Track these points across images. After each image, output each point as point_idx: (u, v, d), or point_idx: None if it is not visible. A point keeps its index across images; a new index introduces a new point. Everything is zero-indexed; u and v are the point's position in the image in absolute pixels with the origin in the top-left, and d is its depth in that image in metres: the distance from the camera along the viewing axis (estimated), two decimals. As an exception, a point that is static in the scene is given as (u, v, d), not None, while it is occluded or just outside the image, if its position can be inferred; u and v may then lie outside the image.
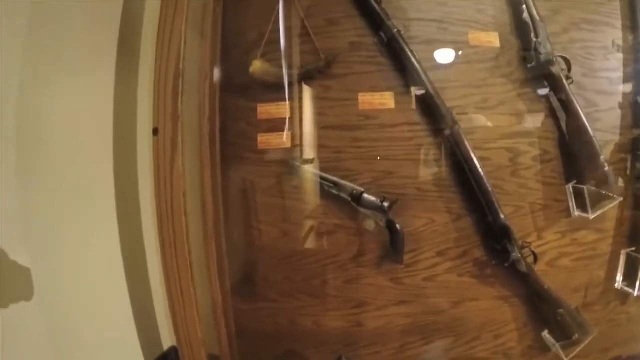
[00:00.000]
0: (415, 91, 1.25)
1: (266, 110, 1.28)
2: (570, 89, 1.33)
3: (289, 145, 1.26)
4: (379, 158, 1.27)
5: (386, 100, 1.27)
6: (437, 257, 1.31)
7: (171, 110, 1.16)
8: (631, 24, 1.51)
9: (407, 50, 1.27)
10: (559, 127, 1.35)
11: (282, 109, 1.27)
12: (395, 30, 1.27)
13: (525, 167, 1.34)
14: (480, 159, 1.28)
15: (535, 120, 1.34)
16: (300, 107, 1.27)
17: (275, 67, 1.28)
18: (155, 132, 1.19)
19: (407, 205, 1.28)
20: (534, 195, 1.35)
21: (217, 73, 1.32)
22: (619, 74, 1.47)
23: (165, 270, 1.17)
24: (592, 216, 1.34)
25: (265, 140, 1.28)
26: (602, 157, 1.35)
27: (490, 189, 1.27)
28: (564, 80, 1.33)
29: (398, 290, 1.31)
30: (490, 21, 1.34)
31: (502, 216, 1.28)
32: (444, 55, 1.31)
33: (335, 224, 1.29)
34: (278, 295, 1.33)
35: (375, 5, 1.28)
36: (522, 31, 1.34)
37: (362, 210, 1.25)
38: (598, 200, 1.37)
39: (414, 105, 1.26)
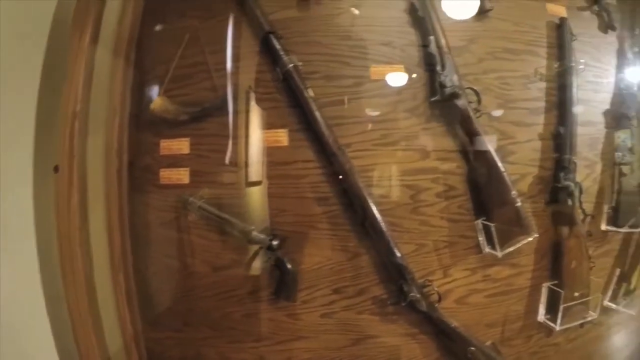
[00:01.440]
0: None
1: (168, 145, 1.19)
2: (479, 122, 1.20)
3: (187, 181, 1.20)
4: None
5: (280, 137, 1.17)
6: (334, 295, 1.18)
7: (68, 150, 1.11)
8: (559, 52, 1.34)
9: (300, 86, 1.16)
10: (468, 162, 1.22)
11: (183, 145, 1.20)
12: (291, 65, 1.16)
13: (428, 204, 1.20)
14: (378, 197, 1.17)
15: (440, 155, 1.21)
16: (246, 129, 1.19)
17: (174, 104, 1.20)
18: (56, 169, 1.14)
19: (301, 243, 1.17)
20: (438, 233, 1.21)
21: (127, 108, 1.26)
22: (541, 104, 1.30)
23: (67, 300, 1.13)
24: (500, 254, 1.20)
25: (166, 175, 1.20)
26: (513, 192, 1.21)
27: (384, 228, 1.14)
28: (471, 113, 1.19)
29: (296, 325, 1.20)
30: (397, 53, 1.21)
31: (397, 255, 1.15)
32: (344, 91, 1.19)
33: (231, 259, 1.19)
34: (184, 326, 1.24)
35: (274, 41, 1.18)
36: (429, 63, 1.22)
37: (253, 247, 1.18)
38: (509, 237, 1.23)
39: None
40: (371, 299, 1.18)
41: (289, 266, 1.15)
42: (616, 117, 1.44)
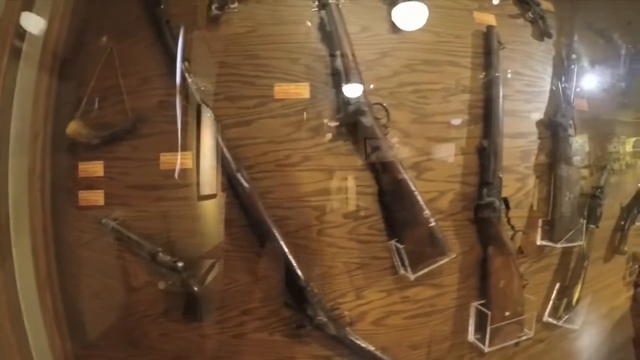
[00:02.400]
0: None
1: (85, 168, 1.08)
2: (387, 138, 1.02)
3: (102, 202, 1.08)
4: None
5: (186, 159, 1.04)
6: (244, 316, 1.05)
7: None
8: (485, 61, 1.15)
9: (200, 109, 1.03)
10: (378, 181, 1.05)
11: (98, 168, 1.08)
12: (195, 87, 1.03)
13: (335, 225, 1.05)
14: (281, 218, 1.03)
15: (347, 175, 1.05)
16: (198, 143, 1.04)
17: (87, 128, 1.09)
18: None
19: (209, 265, 1.04)
20: (347, 254, 1.06)
21: (49, 129, 1.13)
22: (463, 117, 1.12)
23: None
24: (412, 276, 1.03)
25: (84, 197, 1.09)
26: (425, 212, 1.02)
27: (285, 250, 1.00)
28: (377, 130, 1.01)
29: (210, 345, 1.08)
30: (303, 71, 1.06)
31: (300, 278, 1.00)
32: (246, 111, 1.04)
33: (145, 280, 1.07)
34: (109, 344, 1.12)
35: (180, 63, 1.05)
36: (336, 80, 1.05)
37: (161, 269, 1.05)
38: (423, 258, 1.04)
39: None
40: (282, 321, 1.05)
41: (195, 288, 1.02)
42: (551, 127, 1.22)
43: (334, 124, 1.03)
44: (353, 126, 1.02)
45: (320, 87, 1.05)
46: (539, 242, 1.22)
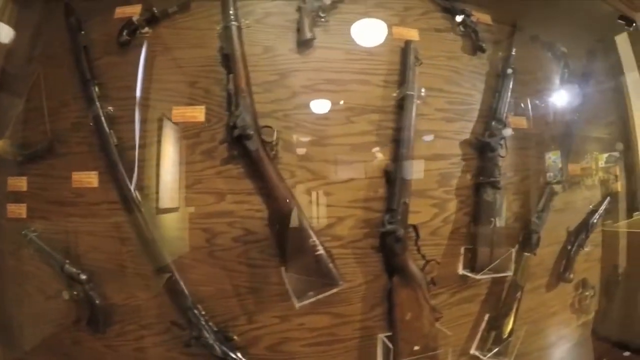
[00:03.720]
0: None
1: (12, 183, 0.93)
2: (275, 163, 0.81)
3: (25, 215, 0.96)
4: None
5: (91, 178, 0.89)
6: (143, 330, 0.85)
7: None
8: (400, 78, 0.90)
9: (103, 131, 0.87)
10: (267, 205, 0.84)
11: (22, 183, 0.93)
12: (101, 110, 0.89)
13: (225, 248, 0.82)
14: (174, 239, 0.84)
15: (237, 199, 0.82)
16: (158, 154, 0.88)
17: (12, 147, 0.98)
18: None
19: (110, 279, 0.86)
20: (238, 278, 0.83)
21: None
22: (369, 138, 0.87)
23: None
24: (298, 304, 0.80)
25: (11, 210, 0.94)
26: (311, 239, 0.80)
27: (173, 272, 0.81)
28: (262, 154, 0.80)
29: (114, 357, 0.90)
30: (200, 94, 0.85)
31: (186, 299, 0.80)
32: (147, 134, 0.85)
33: (57, 289, 0.93)
34: (33, 350, 0.95)
35: (90, 87, 0.91)
36: (228, 103, 0.83)
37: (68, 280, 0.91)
38: (310, 287, 0.82)
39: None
40: (178, 338, 0.84)
41: (96, 300, 0.87)
42: (478, 147, 0.94)
43: (224, 144, 0.83)
44: (243, 150, 0.79)
45: (216, 111, 0.83)
46: (460, 271, 0.93)
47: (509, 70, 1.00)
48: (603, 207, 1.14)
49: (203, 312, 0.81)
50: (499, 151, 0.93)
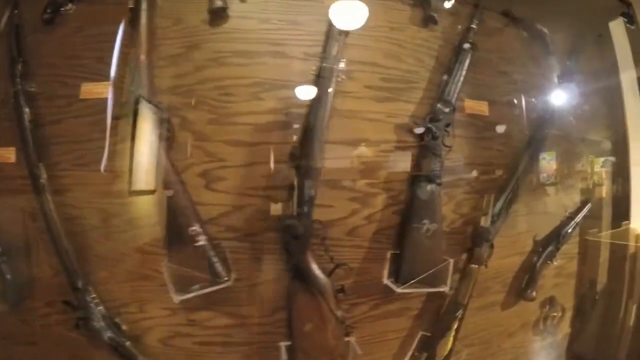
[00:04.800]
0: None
1: None
2: (167, 141, 0.60)
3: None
4: None
5: (10, 154, 0.73)
6: (47, 308, 0.68)
7: None
8: (322, 52, 0.64)
9: (19, 107, 0.71)
10: (156, 188, 0.63)
11: None
12: (21, 88, 0.73)
13: (120, 230, 0.62)
14: (73, 217, 0.65)
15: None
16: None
17: None
18: None
19: (22, 254, 0.68)
20: (129, 263, 0.62)
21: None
22: (278, 117, 0.62)
23: None
24: (177, 299, 0.57)
25: None
26: (192, 228, 0.58)
27: (66, 249, 0.62)
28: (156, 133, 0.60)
29: (26, 330, 0.71)
30: (108, 70, 0.64)
31: (77, 280, 0.62)
32: (59, 110, 0.67)
33: None
34: None
35: (15, 64, 0.75)
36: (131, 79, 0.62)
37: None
38: (192, 281, 0.60)
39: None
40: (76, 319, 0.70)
41: (7, 275, 0.74)
42: (418, 133, 0.65)
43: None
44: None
45: (121, 87, 0.63)
46: (385, 280, 0.64)
47: (466, 45, 0.68)
48: (582, 214, 0.78)
49: (93, 295, 0.65)
50: (442, 139, 0.64)
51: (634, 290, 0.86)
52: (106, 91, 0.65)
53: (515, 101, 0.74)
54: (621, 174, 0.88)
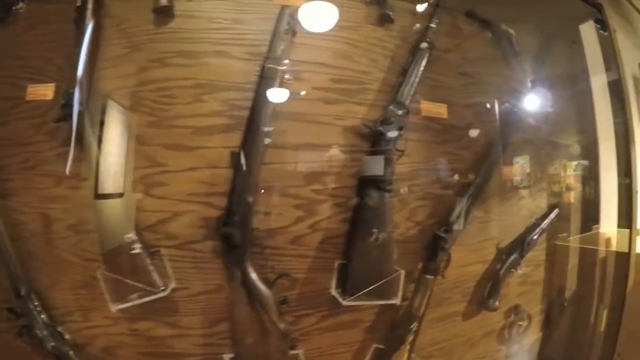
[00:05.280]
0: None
1: None
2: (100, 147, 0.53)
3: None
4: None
5: None
6: None
7: None
8: (267, 52, 0.56)
9: None
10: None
11: None
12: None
13: (60, 236, 0.55)
14: (18, 222, 0.57)
15: (73, 184, 0.54)
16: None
17: None
18: None
19: None
20: (72, 270, 0.55)
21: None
22: (220, 120, 0.54)
23: None
24: (113, 308, 0.51)
25: None
26: (127, 235, 0.51)
27: (10, 255, 0.56)
28: (90, 137, 0.52)
29: None
30: (54, 71, 0.57)
31: (19, 287, 0.56)
32: (7, 112, 0.58)
33: None
34: None
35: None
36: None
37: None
38: (127, 290, 0.53)
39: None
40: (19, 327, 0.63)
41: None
42: (369, 136, 0.57)
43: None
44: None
45: (64, 88, 0.54)
46: (333, 291, 0.55)
47: (423, 45, 0.60)
48: (548, 220, 0.69)
49: (36, 303, 0.59)
50: (394, 143, 0.56)
51: (605, 295, 0.77)
52: (50, 93, 0.58)
53: (479, 103, 0.66)
54: (592, 178, 0.79)
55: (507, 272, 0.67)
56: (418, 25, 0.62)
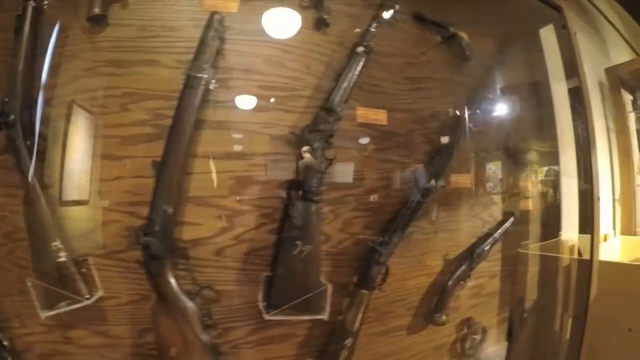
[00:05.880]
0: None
1: None
2: (30, 156, 0.50)
3: None
4: None
5: None
6: None
7: None
8: (193, 60, 0.51)
9: None
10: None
11: None
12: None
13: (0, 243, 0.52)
14: None
15: (8, 191, 0.50)
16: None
17: None
18: None
19: None
20: (7, 277, 0.50)
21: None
22: (145, 129, 0.50)
23: None
24: (43, 315, 0.47)
25: None
26: (54, 243, 0.47)
27: None
28: (20, 147, 0.49)
29: None
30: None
31: None
32: None
33: None
34: None
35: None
36: None
37: None
38: (56, 298, 0.49)
39: None
40: None
41: None
42: (295, 142, 0.51)
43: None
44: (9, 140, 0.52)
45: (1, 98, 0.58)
46: (260, 304, 0.49)
47: (359, 49, 0.54)
48: (501, 230, 0.62)
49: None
50: (322, 152, 0.51)
51: (568, 303, 0.69)
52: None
53: (423, 109, 0.59)
54: (552, 185, 0.71)
55: (456, 284, 0.59)
56: (358, 29, 0.56)
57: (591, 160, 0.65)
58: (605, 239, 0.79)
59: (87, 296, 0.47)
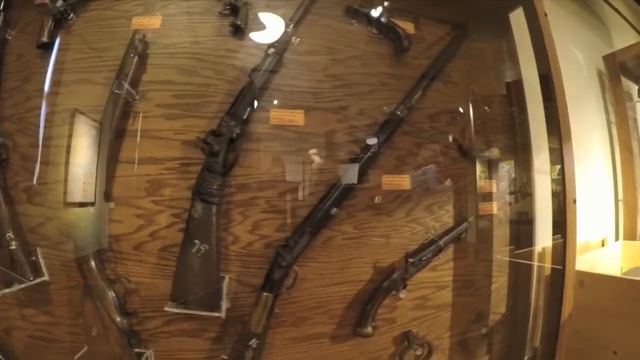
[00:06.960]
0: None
1: None
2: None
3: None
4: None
5: None
6: None
7: None
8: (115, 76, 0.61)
9: None
10: None
11: None
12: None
13: None
14: None
15: None
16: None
17: None
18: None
19: None
20: None
21: None
22: (81, 141, 0.63)
23: None
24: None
25: None
26: (8, 234, 0.60)
27: None
28: None
29: None
30: None
31: None
32: None
33: None
34: None
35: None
36: None
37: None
38: (8, 279, 0.63)
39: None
40: None
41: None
42: (200, 146, 0.58)
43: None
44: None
45: None
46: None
47: (270, 50, 0.59)
48: (449, 236, 0.60)
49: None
50: (225, 155, 0.57)
51: (538, 319, 0.64)
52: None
53: (348, 107, 0.62)
54: (521, 188, 0.66)
55: (384, 294, 0.60)
56: (276, 31, 0.61)
57: (563, 156, 0.59)
58: (602, 244, 0.70)
59: (31, 279, 0.60)
